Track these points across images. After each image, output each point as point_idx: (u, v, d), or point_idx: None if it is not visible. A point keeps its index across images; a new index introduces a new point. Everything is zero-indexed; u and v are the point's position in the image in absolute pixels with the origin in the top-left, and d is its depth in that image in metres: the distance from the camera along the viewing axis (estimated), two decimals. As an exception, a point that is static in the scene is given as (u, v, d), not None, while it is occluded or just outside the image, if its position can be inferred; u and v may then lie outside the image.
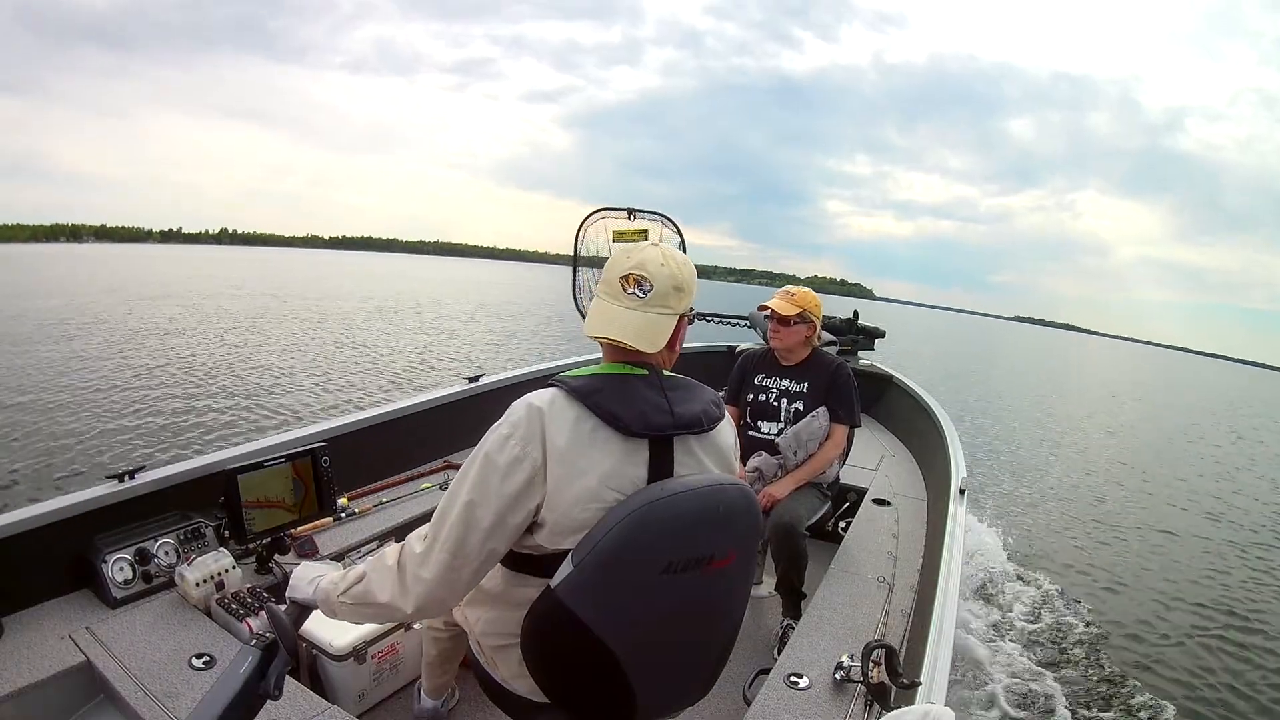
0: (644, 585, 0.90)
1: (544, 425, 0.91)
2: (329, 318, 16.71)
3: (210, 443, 6.30)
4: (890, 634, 1.73)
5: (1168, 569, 5.66)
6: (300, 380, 9.10)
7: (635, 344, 0.96)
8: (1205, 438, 14.50)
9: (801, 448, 2.17)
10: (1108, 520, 6.91)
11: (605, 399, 0.92)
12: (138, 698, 1.24)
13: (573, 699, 1.00)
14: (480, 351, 13.38)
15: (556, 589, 0.89)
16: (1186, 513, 7.59)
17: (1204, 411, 21.67)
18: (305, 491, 1.86)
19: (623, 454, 0.92)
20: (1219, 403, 26.63)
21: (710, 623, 1.02)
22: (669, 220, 3.22)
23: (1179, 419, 18.03)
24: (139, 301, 16.16)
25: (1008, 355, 39.24)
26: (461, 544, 0.90)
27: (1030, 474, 8.27)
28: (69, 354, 9.86)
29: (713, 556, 0.93)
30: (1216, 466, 11.05)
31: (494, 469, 0.90)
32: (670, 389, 0.98)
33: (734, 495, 0.96)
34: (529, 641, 0.97)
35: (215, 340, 11.88)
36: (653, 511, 0.88)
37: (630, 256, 1.00)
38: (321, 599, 0.99)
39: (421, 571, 0.91)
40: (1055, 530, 6.25)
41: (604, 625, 0.90)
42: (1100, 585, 5.05)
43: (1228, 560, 6.05)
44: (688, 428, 0.97)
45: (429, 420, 2.66)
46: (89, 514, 1.63)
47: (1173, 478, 9.55)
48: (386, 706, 1.70)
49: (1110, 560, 5.66)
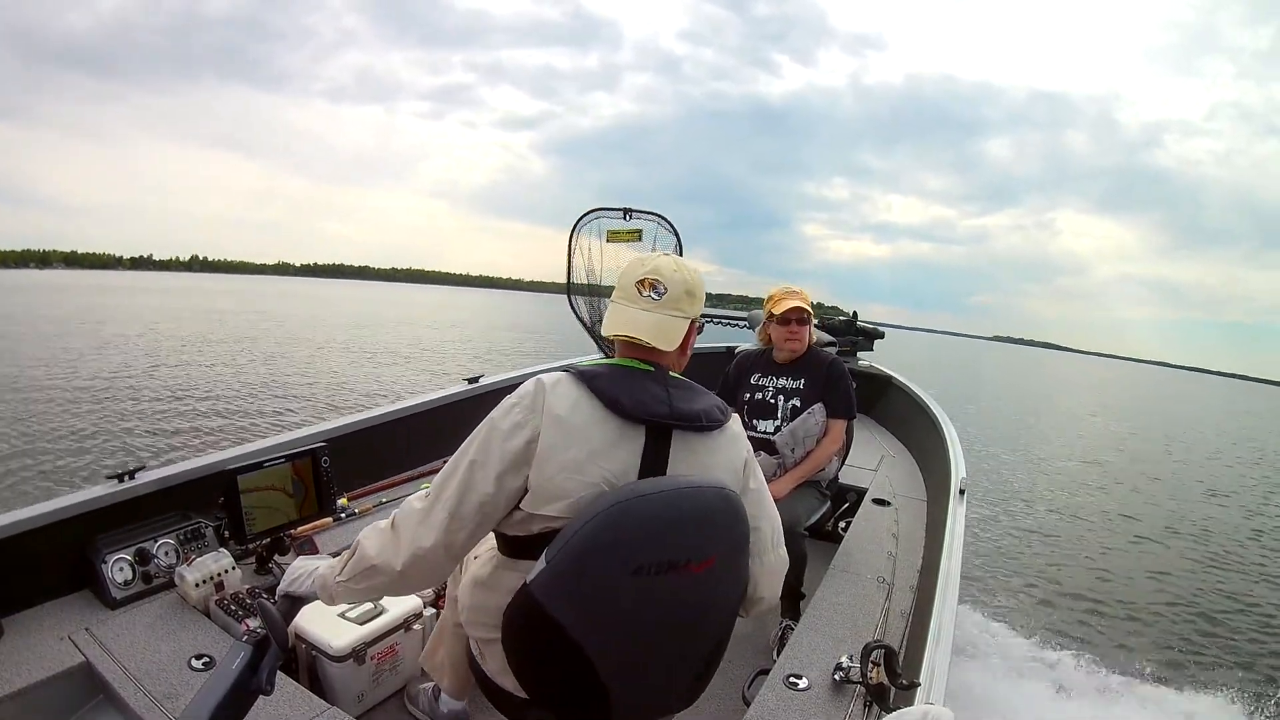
0: (615, 586, 0.89)
1: (547, 398, 0.95)
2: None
3: (210, 443, 6.31)
4: (890, 635, 1.73)
5: (1167, 566, 5.70)
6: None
7: (653, 341, 0.99)
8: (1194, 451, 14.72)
9: (799, 445, 2.17)
10: (1103, 519, 6.94)
11: (606, 383, 0.96)
12: (137, 698, 1.24)
13: (549, 697, 1.00)
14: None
15: (530, 584, 0.90)
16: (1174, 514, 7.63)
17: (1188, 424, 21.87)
18: (305, 492, 1.87)
19: (618, 436, 0.95)
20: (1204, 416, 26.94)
21: (688, 630, 1.00)
22: (665, 221, 3.20)
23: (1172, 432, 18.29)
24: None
25: (987, 373, 39.76)
26: (460, 503, 0.93)
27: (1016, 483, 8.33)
28: (69, 354, 9.87)
29: (689, 561, 0.92)
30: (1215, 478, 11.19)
31: (497, 432, 0.94)
32: (674, 386, 1.01)
33: (713, 499, 0.95)
34: (506, 636, 0.98)
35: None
36: (623, 511, 0.88)
37: (645, 263, 1.05)
38: (320, 585, 1.01)
39: (420, 529, 0.94)
40: (1051, 532, 6.27)
41: (575, 624, 0.90)
42: (1100, 582, 5.06)
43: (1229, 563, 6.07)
44: (685, 421, 0.97)
45: (429, 421, 2.66)
46: (89, 514, 1.63)
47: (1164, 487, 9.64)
48: (385, 707, 1.70)
49: (1109, 558, 5.67)
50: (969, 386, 22.94)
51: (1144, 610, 4.70)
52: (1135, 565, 5.63)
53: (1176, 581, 5.31)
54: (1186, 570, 5.67)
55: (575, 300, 3.44)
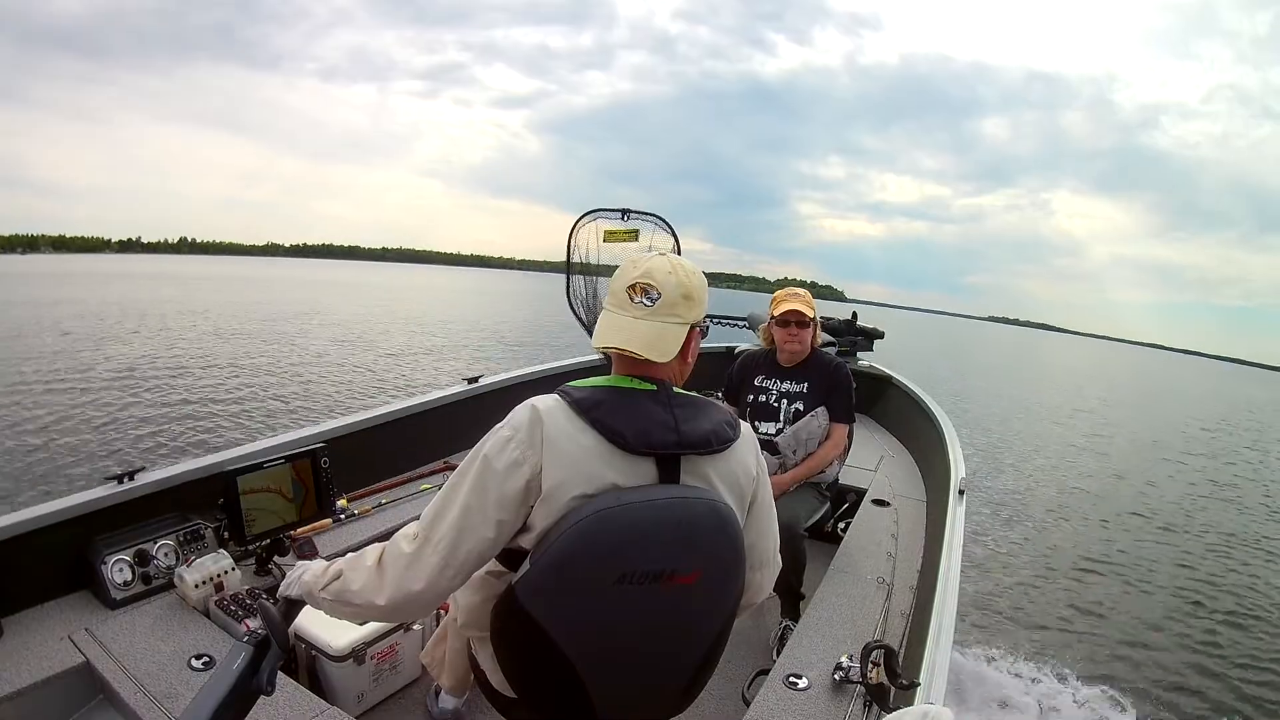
0: (597, 593, 0.87)
1: (545, 430, 0.88)
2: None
3: (210, 444, 6.30)
4: (889, 635, 1.73)
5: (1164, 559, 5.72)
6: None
7: (645, 353, 0.92)
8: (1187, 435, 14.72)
9: (801, 447, 2.17)
10: (1097, 512, 6.96)
11: (607, 414, 0.89)
12: (137, 699, 1.24)
13: (535, 699, 1.00)
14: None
15: (515, 586, 0.89)
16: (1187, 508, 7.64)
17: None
18: (305, 493, 1.86)
19: (624, 468, 0.89)
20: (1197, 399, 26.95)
21: (674, 641, 0.97)
22: (663, 222, 3.19)
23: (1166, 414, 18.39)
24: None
25: (981, 353, 39.84)
26: (455, 549, 0.88)
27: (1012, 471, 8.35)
28: (69, 356, 9.86)
29: (674, 572, 0.88)
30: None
31: (492, 472, 0.88)
32: (679, 406, 0.94)
33: (701, 510, 0.91)
34: (494, 634, 0.98)
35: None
36: (606, 518, 0.85)
37: (637, 266, 0.97)
38: (304, 592, 0.97)
39: (408, 573, 0.89)
40: (1045, 527, 6.28)
41: (557, 628, 0.88)
42: (1099, 583, 5.06)
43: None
44: (694, 447, 0.92)
45: (428, 421, 2.66)
46: (88, 515, 1.63)
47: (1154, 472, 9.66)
48: (385, 707, 1.70)
49: (1109, 556, 5.68)
50: (963, 368, 22.89)
51: (1145, 611, 4.71)
52: (1140, 563, 5.64)
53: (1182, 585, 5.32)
54: (1198, 565, 5.68)
55: (575, 303, 3.44)
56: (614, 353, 0.97)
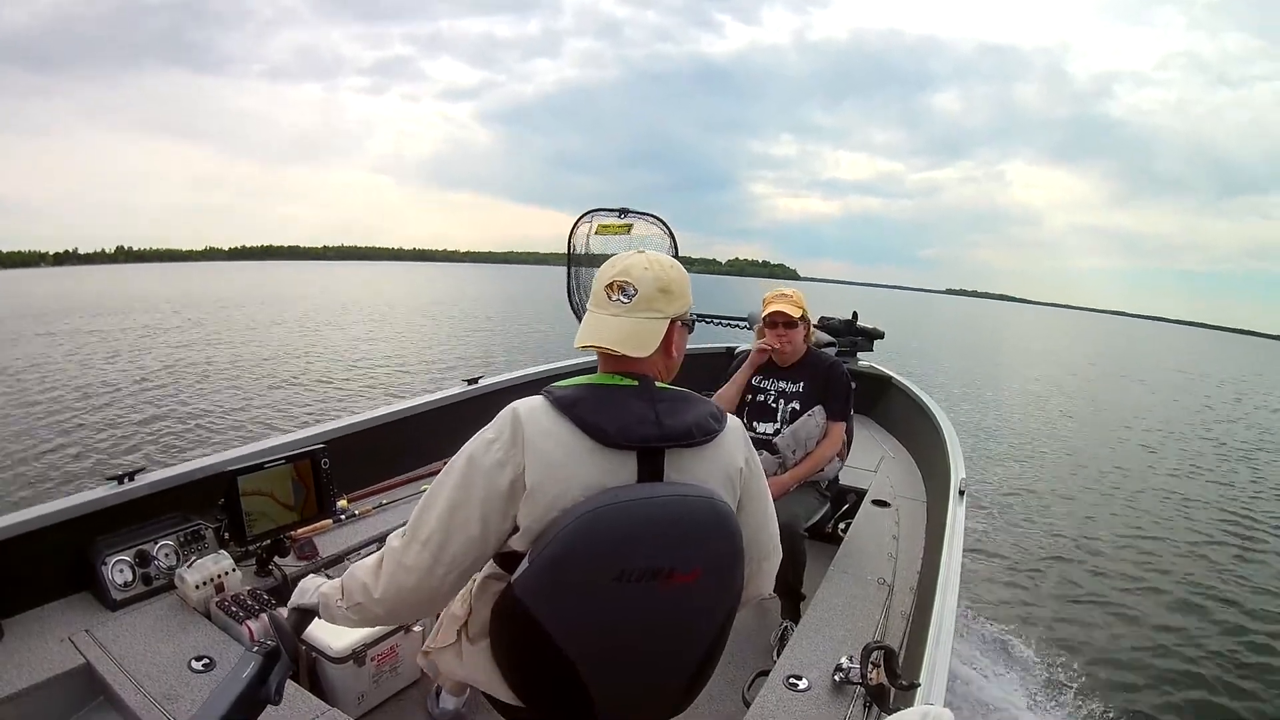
0: (595, 591, 0.87)
1: (525, 431, 0.89)
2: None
3: (210, 445, 6.31)
4: (889, 635, 1.73)
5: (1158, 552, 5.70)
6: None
7: (621, 349, 0.92)
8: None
9: (800, 446, 2.18)
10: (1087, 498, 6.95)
11: (587, 410, 0.90)
12: (137, 700, 1.25)
13: (534, 700, 1.00)
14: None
15: (514, 581, 0.90)
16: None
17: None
18: (305, 493, 1.87)
19: (607, 466, 0.89)
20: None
21: (675, 639, 0.97)
22: (660, 221, 3.19)
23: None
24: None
25: (939, 327, 39.16)
26: (443, 546, 0.89)
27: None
28: (67, 355, 9.87)
29: (673, 570, 0.89)
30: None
31: (478, 470, 0.89)
32: (661, 400, 0.94)
33: (699, 508, 0.91)
34: (493, 633, 0.98)
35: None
36: (603, 515, 0.86)
37: (615, 264, 0.98)
38: (322, 604, 1.00)
39: (399, 570, 0.91)
40: (1037, 519, 6.27)
41: (556, 626, 0.89)
42: (1097, 581, 5.05)
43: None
44: (676, 440, 0.92)
45: (428, 422, 2.67)
46: (89, 516, 1.63)
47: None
48: (385, 709, 1.70)
49: (1109, 554, 5.67)
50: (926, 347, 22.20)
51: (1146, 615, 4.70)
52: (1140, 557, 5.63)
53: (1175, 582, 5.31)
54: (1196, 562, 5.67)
55: (576, 299, 3.44)
56: (596, 351, 0.97)
